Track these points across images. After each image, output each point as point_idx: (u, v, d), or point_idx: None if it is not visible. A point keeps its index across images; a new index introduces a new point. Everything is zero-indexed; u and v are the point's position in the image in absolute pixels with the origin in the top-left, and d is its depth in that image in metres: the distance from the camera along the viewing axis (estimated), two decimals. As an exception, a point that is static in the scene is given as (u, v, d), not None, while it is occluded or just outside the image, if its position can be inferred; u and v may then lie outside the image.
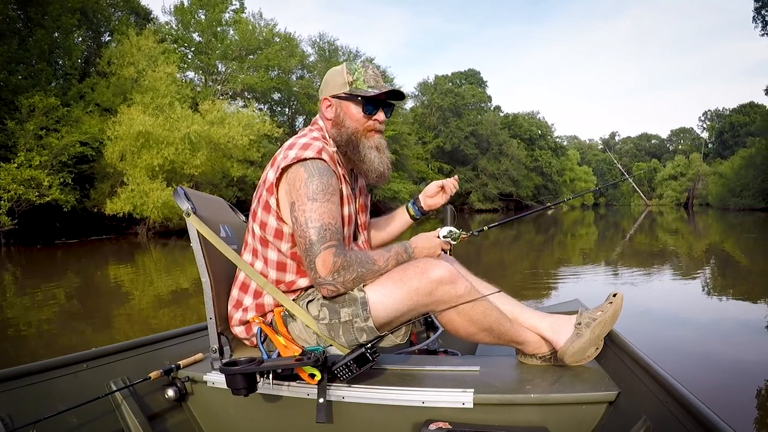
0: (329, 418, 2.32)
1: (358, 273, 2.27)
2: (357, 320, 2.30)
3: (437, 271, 2.30)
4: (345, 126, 2.50)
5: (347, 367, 2.23)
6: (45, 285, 11.99)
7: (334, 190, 2.32)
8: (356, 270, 2.27)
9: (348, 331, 2.33)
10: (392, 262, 2.38)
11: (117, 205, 26.21)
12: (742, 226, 29.90)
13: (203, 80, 43.12)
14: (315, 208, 2.25)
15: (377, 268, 2.33)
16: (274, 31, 45.85)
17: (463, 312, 2.38)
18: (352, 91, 2.48)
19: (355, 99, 2.49)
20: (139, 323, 7.74)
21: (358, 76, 2.50)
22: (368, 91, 2.46)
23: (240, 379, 2.24)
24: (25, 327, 7.62)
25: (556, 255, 17.23)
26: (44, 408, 2.28)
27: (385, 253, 2.38)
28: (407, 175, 61.90)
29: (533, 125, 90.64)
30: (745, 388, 4.43)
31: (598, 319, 2.53)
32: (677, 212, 61.48)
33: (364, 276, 2.30)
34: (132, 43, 31.04)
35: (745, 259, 14.84)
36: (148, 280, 12.63)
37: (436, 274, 2.29)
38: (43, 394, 2.39)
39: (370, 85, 2.49)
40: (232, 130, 29.59)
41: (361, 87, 2.48)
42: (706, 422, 1.67)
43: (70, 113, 26.10)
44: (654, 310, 7.74)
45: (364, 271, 2.29)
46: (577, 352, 2.49)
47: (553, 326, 2.58)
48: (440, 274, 2.29)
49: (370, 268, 2.31)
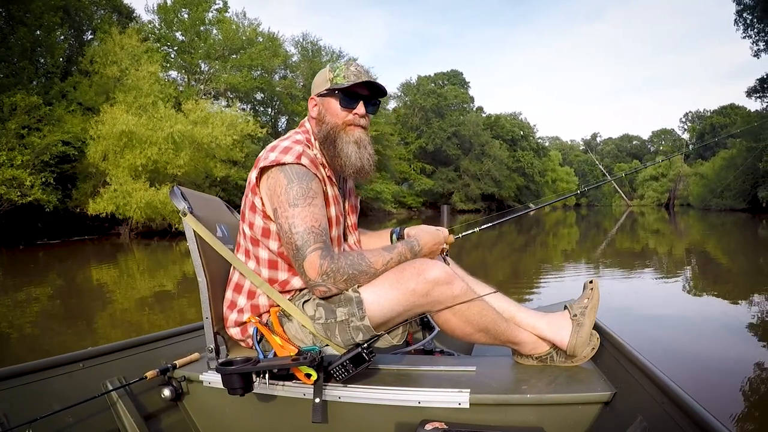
0: (325, 418, 2.32)
1: (349, 274, 2.26)
2: (353, 320, 2.30)
3: (434, 271, 2.28)
4: (326, 122, 2.51)
5: (343, 366, 2.23)
6: (27, 286, 11.90)
7: (315, 193, 2.33)
8: (347, 271, 2.25)
9: (344, 330, 2.33)
10: (393, 264, 2.36)
11: (99, 206, 26.00)
12: (723, 227, 30.11)
13: (186, 80, 42.98)
14: (297, 213, 2.27)
15: (373, 270, 2.31)
16: (257, 30, 45.79)
17: (460, 312, 2.37)
18: (332, 86, 2.50)
19: (333, 93, 2.50)
20: (121, 325, 7.71)
21: (338, 73, 2.52)
22: (343, 84, 2.47)
23: (236, 378, 2.23)
24: (7, 328, 7.57)
25: (538, 256, 17.28)
26: (40, 407, 2.27)
27: (386, 255, 2.36)
28: (390, 175, 61.97)
29: (515, 126, 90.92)
30: (733, 386, 4.47)
31: (588, 306, 2.59)
32: (658, 213, 61.88)
33: (356, 277, 2.28)
34: (115, 41, 30.84)
35: (726, 259, 14.95)
36: (130, 282, 12.56)
37: (433, 274, 2.28)
38: (39, 394, 2.39)
39: (349, 78, 2.49)
40: (216, 130, 29.45)
41: (340, 81, 2.49)
42: (702, 423, 1.68)
43: (52, 112, 25.89)
44: (638, 309, 7.79)
45: (356, 273, 2.28)
46: (585, 341, 2.53)
47: (551, 325, 2.57)
48: (437, 275, 2.28)
49: (363, 269, 2.29)
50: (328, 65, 2.61)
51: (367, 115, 2.56)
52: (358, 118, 2.51)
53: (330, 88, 2.50)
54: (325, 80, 2.53)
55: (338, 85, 2.48)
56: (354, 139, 2.49)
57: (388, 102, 71.47)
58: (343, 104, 2.48)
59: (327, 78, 2.53)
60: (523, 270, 13.26)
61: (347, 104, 2.48)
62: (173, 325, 2.91)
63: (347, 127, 2.50)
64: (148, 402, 2.72)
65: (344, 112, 2.49)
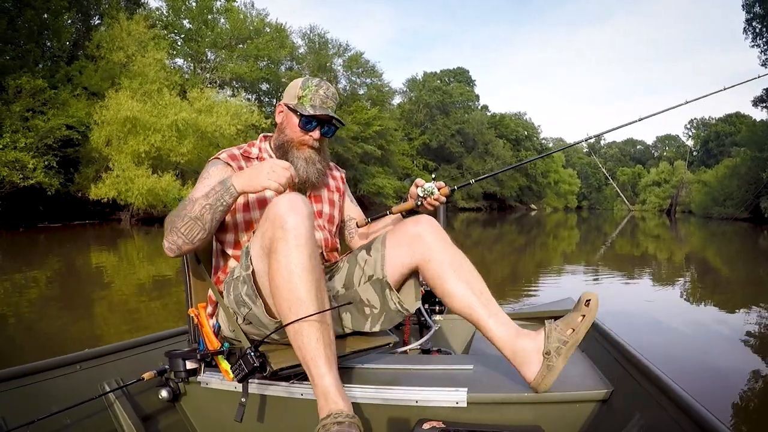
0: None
1: (172, 223, 2.26)
2: (243, 309, 2.28)
3: (277, 203, 2.10)
4: (285, 133, 2.63)
5: (238, 365, 2.15)
6: (26, 268, 11.93)
7: (209, 176, 2.45)
8: (171, 221, 2.27)
9: (234, 317, 2.33)
10: (201, 201, 2.26)
11: (101, 191, 26.10)
12: (723, 235, 30.10)
13: (192, 68, 43.01)
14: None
15: (185, 212, 2.25)
16: (265, 21, 45.78)
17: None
18: (296, 106, 2.58)
19: (296, 113, 2.58)
20: (119, 312, 7.71)
21: (306, 93, 2.59)
22: (307, 110, 2.55)
23: (180, 362, 2.45)
24: (6, 311, 7.57)
25: (537, 257, 17.29)
26: (38, 409, 2.27)
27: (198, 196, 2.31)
28: (392, 170, 61.90)
29: (520, 126, 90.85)
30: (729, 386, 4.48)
31: (569, 342, 2.22)
32: (659, 218, 61.82)
33: (175, 223, 2.25)
34: (122, 27, 30.91)
35: (724, 267, 14.95)
36: (129, 268, 12.57)
37: (273, 208, 2.11)
38: (37, 396, 2.39)
39: (314, 104, 2.57)
40: (220, 119, 29.49)
41: (305, 104, 2.57)
42: (700, 420, 1.69)
43: (57, 96, 25.98)
44: (635, 311, 7.79)
45: (175, 218, 2.26)
46: (552, 379, 2.22)
47: (516, 355, 2.29)
48: (276, 208, 2.09)
49: (177, 213, 2.26)
50: (301, 79, 2.69)
51: (322, 137, 2.65)
52: (312, 140, 2.61)
53: (294, 108, 2.59)
54: (295, 95, 2.63)
55: (302, 108, 2.56)
56: (304, 156, 2.61)
57: (393, 97, 71.47)
58: (302, 126, 2.58)
59: (296, 94, 2.62)
60: (522, 270, 13.26)
61: (304, 127, 2.58)
62: (170, 313, 2.90)
63: (300, 146, 2.61)
64: (145, 403, 2.72)
65: (302, 132, 2.59)
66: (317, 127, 2.59)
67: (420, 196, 2.62)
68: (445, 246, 2.38)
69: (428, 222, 2.43)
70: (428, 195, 2.61)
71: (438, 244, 2.37)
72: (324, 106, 2.59)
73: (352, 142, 50.69)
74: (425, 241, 2.37)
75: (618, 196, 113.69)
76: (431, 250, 2.36)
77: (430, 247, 2.36)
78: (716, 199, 56.21)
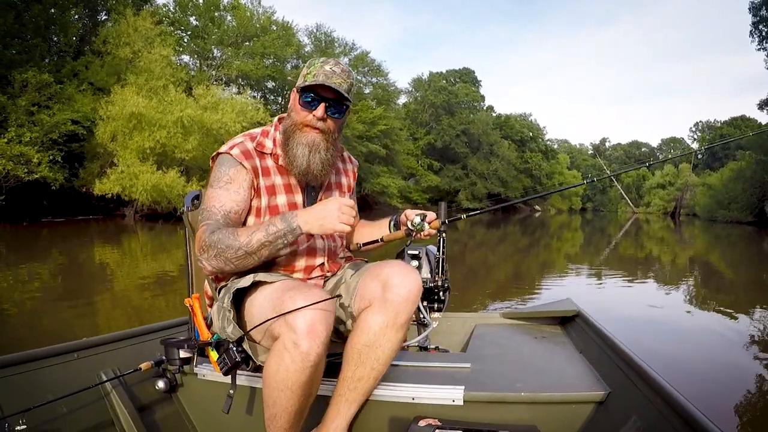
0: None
1: (218, 248, 2.15)
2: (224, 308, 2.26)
3: (297, 317, 1.95)
4: (291, 117, 2.43)
5: (223, 358, 2.14)
6: (29, 262, 11.94)
7: (230, 179, 2.33)
8: (216, 245, 2.15)
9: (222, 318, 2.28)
10: (260, 236, 2.16)
11: (106, 186, 26.11)
12: (728, 239, 30.04)
13: (198, 65, 43.04)
14: (208, 194, 2.34)
15: (237, 244, 2.14)
16: (271, 19, 45.80)
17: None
18: (300, 84, 2.37)
19: (299, 91, 2.38)
20: (124, 303, 7.73)
21: (311, 70, 2.36)
22: (307, 83, 2.33)
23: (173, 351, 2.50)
24: (7, 304, 7.59)
25: (541, 258, 17.28)
26: (34, 397, 2.27)
27: (254, 228, 2.19)
28: (397, 170, 61.82)
29: (525, 127, 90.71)
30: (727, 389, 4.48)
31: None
32: (664, 221, 61.68)
33: (224, 252, 2.15)
34: (129, 23, 30.88)
35: (728, 270, 14.93)
36: (133, 263, 12.60)
37: (293, 319, 1.95)
38: (33, 384, 2.38)
39: (317, 78, 2.32)
40: (225, 116, 29.48)
41: (308, 80, 2.34)
42: (695, 423, 1.69)
43: (63, 90, 26.01)
44: (637, 315, 7.78)
45: (223, 247, 2.15)
46: None
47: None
48: (295, 323, 1.94)
49: (229, 243, 2.15)
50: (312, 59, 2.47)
51: (329, 119, 2.40)
52: (315, 120, 2.36)
53: (299, 85, 2.38)
54: (302, 75, 2.40)
55: (305, 83, 2.34)
56: (306, 141, 2.37)
57: (398, 97, 71.38)
58: (302, 103, 2.36)
59: (303, 74, 2.40)
60: (525, 271, 13.26)
61: (306, 105, 2.36)
62: (172, 308, 2.89)
63: (304, 128, 2.38)
64: (142, 393, 2.72)
65: (304, 112, 2.37)
66: (321, 105, 2.34)
67: (410, 228, 2.55)
68: (388, 326, 2.21)
69: (400, 291, 2.20)
70: (418, 230, 2.55)
71: (385, 320, 2.20)
72: (329, 81, 2.32)
73: (356, 141, 50.59)
74: (382, 305, 2.20)
75: (622, 198, 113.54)
76: (374, 318, 2.21)
77: (377, 316, 2.21)
78: (721, 202, 56.08)
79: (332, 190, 2.62)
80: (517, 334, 3.45)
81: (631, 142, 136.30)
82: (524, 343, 3.24)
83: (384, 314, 2.19)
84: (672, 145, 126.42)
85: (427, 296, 3.46)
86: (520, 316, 3.83)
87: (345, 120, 2.53)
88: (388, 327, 2.19)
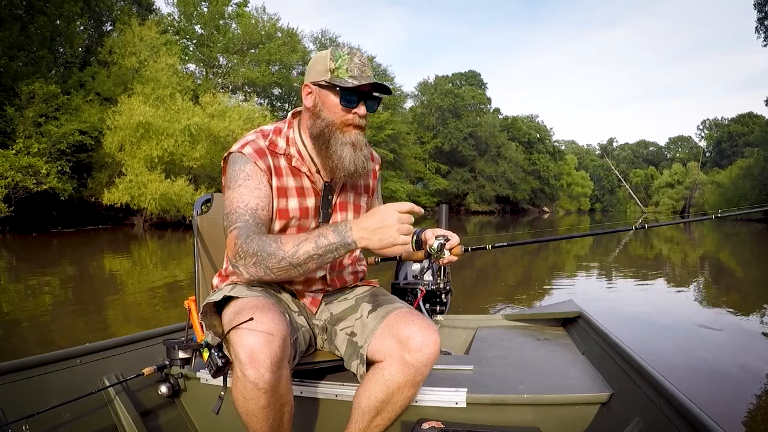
0: (319, 415, 2.32)
1: (258, 256, 2.01)
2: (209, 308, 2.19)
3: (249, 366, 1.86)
4: (321, 117, 2.24)
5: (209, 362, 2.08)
6: (39, 273, 11.98)
7: (247, 176, 2.21)
8: (255, 252, 2.02)
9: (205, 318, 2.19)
10: (308, 247, 2.00)
11: (114, 196, 26.14)
12: (737, 236, 29.91)
13: (204, 73, 43.14)
14: (228, 195, 2.21)
15: (282, 253, 2.00)
16: (276, 25, 45.87)
17: None
18: (332, 80, 2.19)
19: (334, 89, 2.21)
20: (134, 313, 7.75)
21: (341, 64, 2.19)
22: (348, 82, 2.17)
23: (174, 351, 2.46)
24: (18, 314, 7.62)
25: (551, 259, 17.24)
26: (37, 403, 2.27)
27: (304, 235, 2.05)
28: (405, 174, 61.80)
29: (532, 129, 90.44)
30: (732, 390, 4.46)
31: None
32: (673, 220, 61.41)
33: (264, 260, 2.01)
34: (134, 32, 31.02)
35: (738, 268, 14.86)
36: (143, 272, 12.62)
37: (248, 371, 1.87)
38: (37, 389, 2.39)
39: (353, 74, 2.18)
40: (233, 124, 29.50)
41: (343, 76, 2.18)
42: (699, 424, 1.69)
43: (69, 101, 26.08)
44: (642, 316, 7.76)
45: (264, 255, 2.01)
46: None
47: None
48: (250, 373, 1.86)
49: (271, 251, 2.01)
50: (329, 50, 2.27)
51: (367, 114, 2.27)
52: (358, 118, 2.24)
53: (330, 82, 2.20)
54: (326, 70, 2.22)
55: (340, 81, 2.18)
56: (351, 140, 2.24)
57: (405, 101, 71.40)
58: (344, 103, 2.20)
59: (327, 68, 2.22)
60: (534, 273, 13.24)
61: (348, 104, 2.20)
62: (183, 315, 2.90)
63: (345, 128, 2.24)
64: (145, 398, 2.73)
65: (344, 111, 2.21)
66: (361, 102, 2.22)
67: (428, 252, 2.28)
68: (406, 385, 2.13)
69: (420, 357, 2.10)
70: (437, 258, 2.27)
71: (404, 380, 2.12)
72: (364, 75, 2.20)
73: (364, 146, 50.56)
74: (402, 366, 2.12)
75: (631, 198, 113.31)
76: (394, 378, 2.13)
77: (396, 376, 2.12)
78: (730, 200, 55.86)
79: (349, 192, 2.49)
80: (519, 336, 3.46)
81: (639, 142, 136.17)
82: (526, 345, 3.24)
83: (403, 375, 2.11)
84: (680, 143, 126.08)
85: (429, 299, 3.45)
86: (521, 318, 3.83)
87: None
88: (406, 386, 2.13)
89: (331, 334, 2.37)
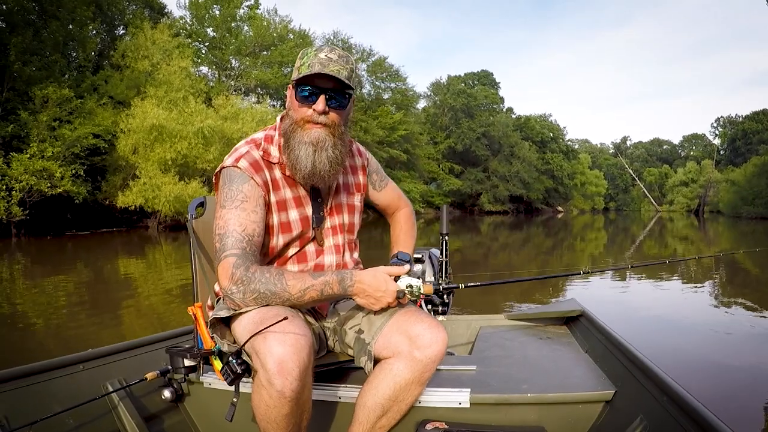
0: (324, 417, 2.33)
1: (260, 292, 2.01)
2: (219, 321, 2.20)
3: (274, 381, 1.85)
4: (289, 116, 2.22)
5: (228, 368, 2.08)
6: (54, 275, 12.05)
7: (245, 197, 2.13)
8: (257, 288, 2.00)
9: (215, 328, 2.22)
10: (312, 294, 2.04)
11: (129, 198, 26.28)
12: (753, 235, 29.75)
13: (217, 75, 43.29)
14: (222, 215, 2.12)
15: (287, 295, 2.02)
16: (288, 27, 45.96)
17: None
18: (295, 77, 2.15)
19: (294, 85, 2.17)
20: (148, 315, 7.78)
21: (306, 60, 2.13)
22: (300, 75, 2.12)
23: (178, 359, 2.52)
24: (33, 317, 7.67)
25: (565, 259, 17.19)
26: (41, 409, 2.27)
27: (309, 280, 2.05)
28: (418, 174, 61.75)
29: (545, 128, 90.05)
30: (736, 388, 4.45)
31: None
32: (687, 219, 61.17)
33: (267, 297, 2.02)
34: (147, 36, 31.20)
35: (754, 268, 14.77)
36: (157, 274, 12.67)
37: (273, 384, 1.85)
38: (40, 395, 2.39)
39: (312, 69, 2.09)
40: (246, 126, 29.58)
41: (303, 72, 2.11)
42: (703, 421, 1.69)
43: (83, 105, 26.23)
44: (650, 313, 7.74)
45: (268, 293, 2.01)
46: None
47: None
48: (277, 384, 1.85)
49: (276, 291, 2.01)
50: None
51: (332, 111, 2.17)
52: (316, 115, 2.14)
53: (294, 78, 2.16)
54: (296, 68, 2.17)
55: (299, 75, 2.12)
56: (310, 139, 2.15)
57: (417, 101, 71.31)
58: (298, 98, 2.16)
59: (296, 66, 2.18)
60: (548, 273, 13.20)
61: (304, 99, 2.14)
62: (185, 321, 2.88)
63: (305, 125, 2.16)
64: (148, 403, 2.72)
65: (303, 107, 2.15)
66: (321, 97, 2.12)
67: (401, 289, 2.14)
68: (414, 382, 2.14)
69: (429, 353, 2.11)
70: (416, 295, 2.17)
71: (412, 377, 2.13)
72: (325, 70, 2.09)
73: (377, 147, 50.57)
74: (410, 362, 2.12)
75: (645, 197, 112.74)
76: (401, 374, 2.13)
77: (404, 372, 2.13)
78: (745, 198, 55.65)
79: (341, 193, 2.44)
80: (522, 336, 3.46)
81: (653, 140, 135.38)
82: (529, 344, 3.25)
83: (411, 372, 2.12)
84: (694, 141, 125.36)
85: (431, 299, 3.45)
86: (524, 317, 3.84)
87: (350, 110, 2.29)
88: (413, 383, 2.14)
89: (341, 334, 2.37)
